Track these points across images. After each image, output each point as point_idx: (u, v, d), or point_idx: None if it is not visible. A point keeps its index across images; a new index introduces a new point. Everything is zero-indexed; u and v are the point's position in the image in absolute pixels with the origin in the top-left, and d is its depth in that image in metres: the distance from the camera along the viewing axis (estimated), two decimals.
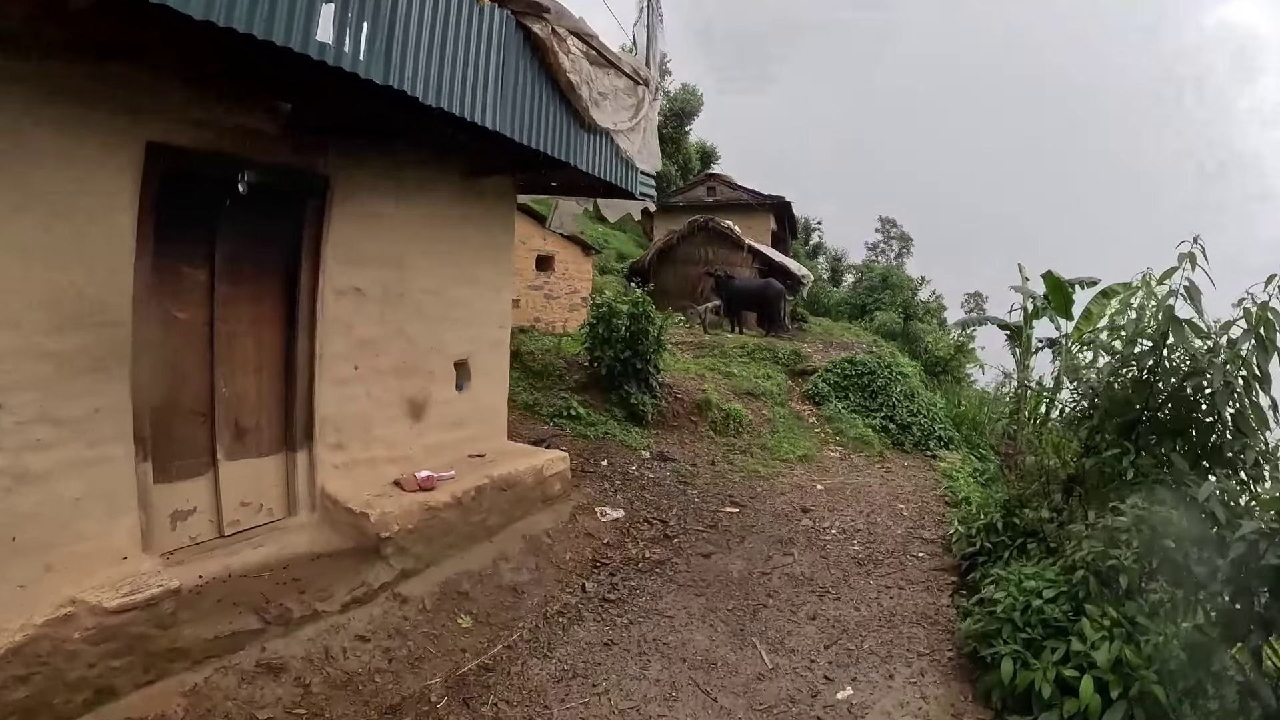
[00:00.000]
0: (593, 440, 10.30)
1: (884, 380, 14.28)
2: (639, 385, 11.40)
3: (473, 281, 7.91)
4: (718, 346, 15.26)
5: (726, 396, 12.35)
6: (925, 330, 23.97)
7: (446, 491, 6.63)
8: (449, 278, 7.63)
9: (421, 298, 7.35)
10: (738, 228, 20.18)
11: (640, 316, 11.40)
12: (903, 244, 39.35)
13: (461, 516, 6.66)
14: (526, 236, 13.31)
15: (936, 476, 11.74)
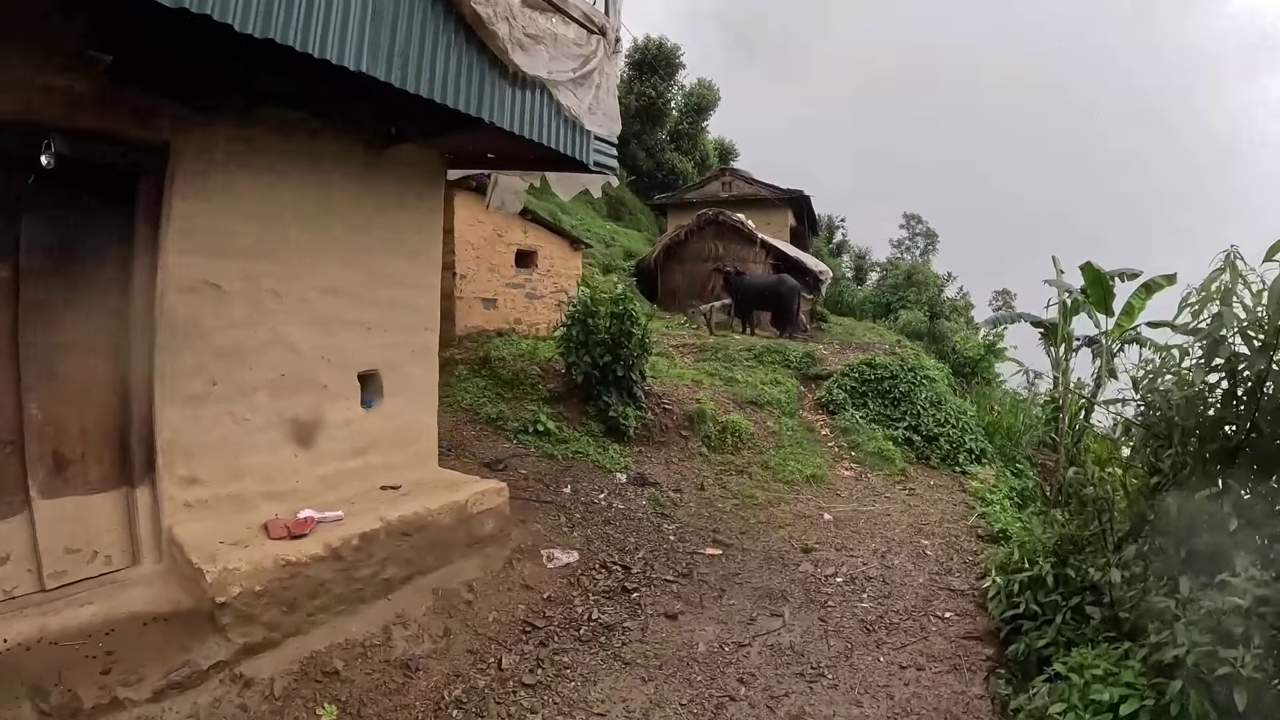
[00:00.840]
0: (560, 461, 8.68)
1: (907, 385, 12.41)
2: (620, 395, 9.74)
3: (385, 276, 6.35)
4: (722, 349, 13.54)
5: (725, 406, 10.63)
6: (952, 329, 21.96)
7: (319, 540, 5.06)
8: (350, 272, 6.07)
9: (310, 296, 5.80)
10: (751, 222, 18.43)
11: (623, 316, 9.75)
12: (928, 241, 37.07)
13: (340, 571, 5.08)
14: (503, 228, 11.76)
15: (968, 499, 9.89)
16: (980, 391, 17.79)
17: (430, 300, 6.85)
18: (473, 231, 11.34)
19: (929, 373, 13.00)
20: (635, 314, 9.83)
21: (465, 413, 9.74)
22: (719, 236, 18.24)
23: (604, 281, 16.99)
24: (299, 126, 5.64)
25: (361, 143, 6.11)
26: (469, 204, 11.32)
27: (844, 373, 12.75)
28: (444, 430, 9.44)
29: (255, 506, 5.47)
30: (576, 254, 13.01)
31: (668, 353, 13.08)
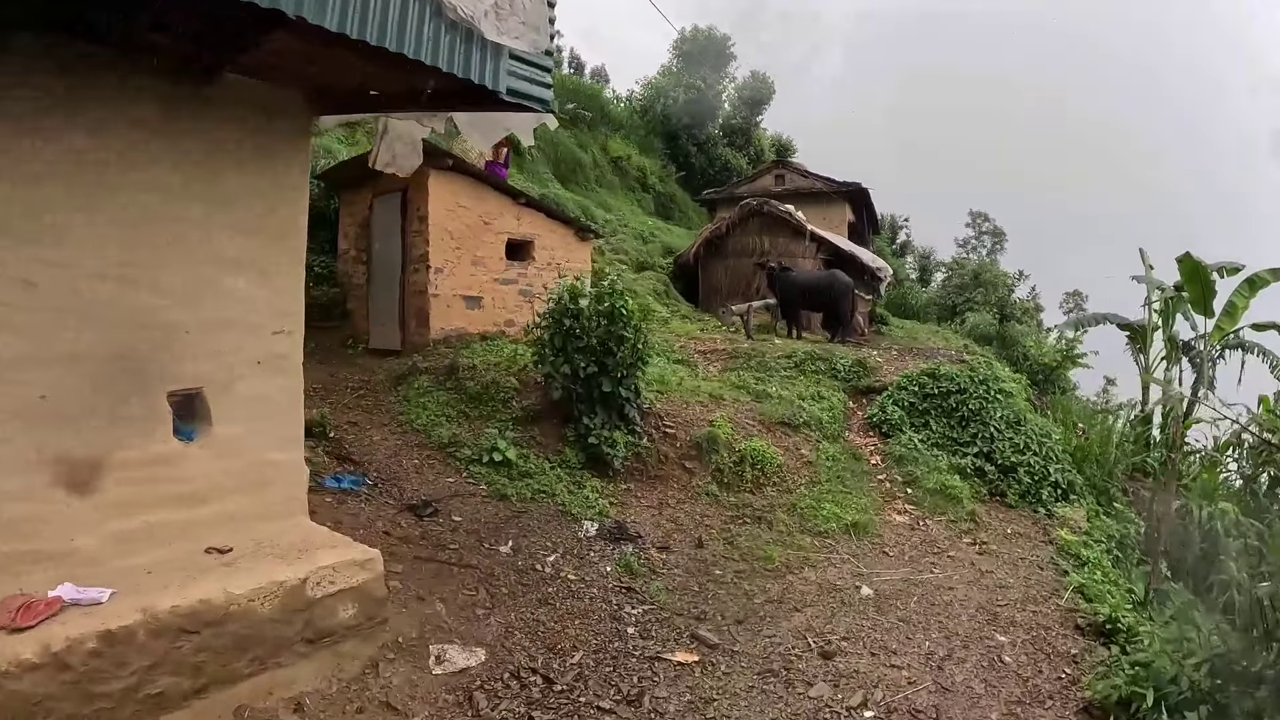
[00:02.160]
0: (512, 504, 6.50)
1: (978, 401, 9.69)
2: (607, 416, 7.50)
3: (208, 259, 4.32)
4: (758, 356, 11.11)
5: (747, 429, 8.23)
6: (1023, 333, 18.81)
7: (37, 639, 3.10)
8: (150, 252, 4.08)
9: (85, 286, 3.83)
10: (801, 213, 15.86)
11: (612, 315, 7.51)
12: (995, 239, 33.15)
13: (70, 685, 3.10)
14: (492, 215, 9.69)
15: (1056, 555, 7.24)
16: (1058, 403, 14.79)
17: (285, 291, 4.76)
18: (452, 219, 9.32)
19: (1005, 385, 10.21)
20: (628, 312, 7.56)
21: (415, 435, 7.70)
22: (764, 229, 15.75)
23: (632, 278, 14.79)
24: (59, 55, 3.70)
25: (166, 74, 4.11)
26: (448, 186, 9.31)
27: (901, 385, 10.12)
28: (382, 457, 7.42)
29: (17, 572, 3.57)
30: (584, 244, 10.83)
31: (690, 359, 10.75)
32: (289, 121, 4.89)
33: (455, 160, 9.37)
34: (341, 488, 6.48)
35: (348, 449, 7.41)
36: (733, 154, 25.25)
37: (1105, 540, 8.31)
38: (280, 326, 4.80)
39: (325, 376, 9.28)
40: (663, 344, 11.19)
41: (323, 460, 7.03)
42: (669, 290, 15.77)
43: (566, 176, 19.14)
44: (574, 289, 7.58)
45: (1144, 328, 16.11)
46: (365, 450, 7.44)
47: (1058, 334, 19.64)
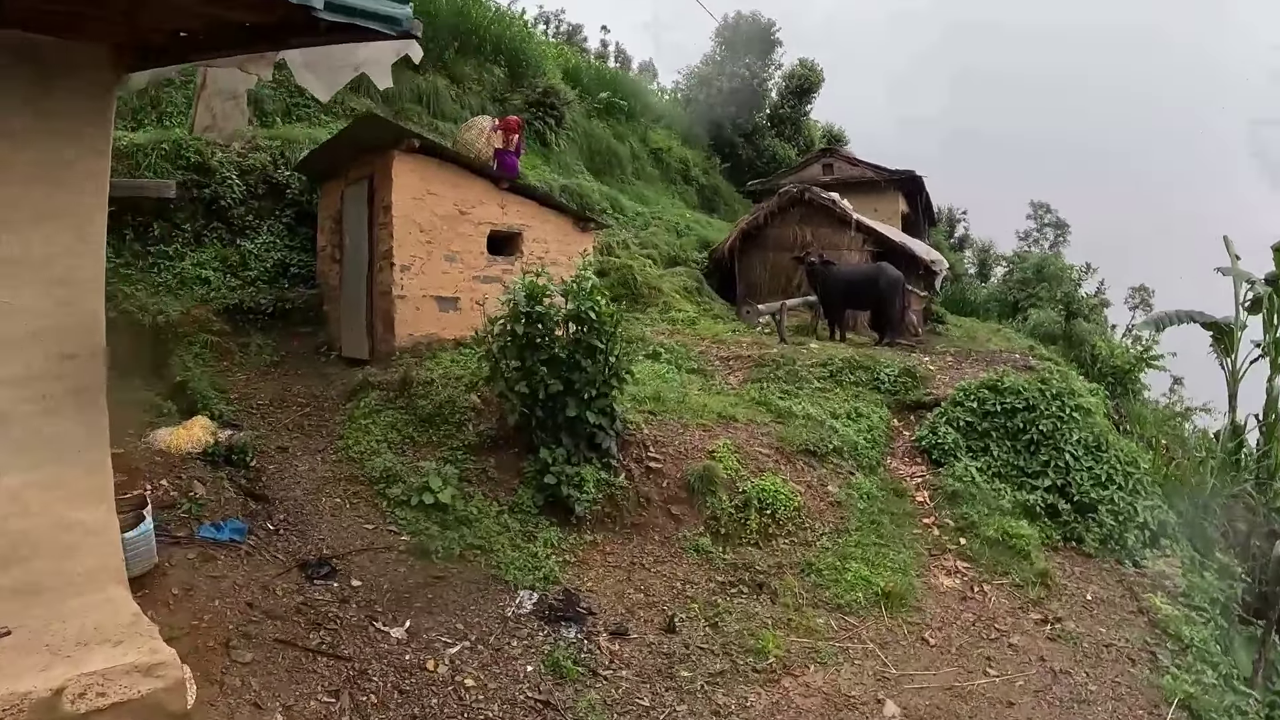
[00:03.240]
0: (433, 563, 4.86)
1: (1051, 421, 7.51)
2: (575, 446, 5.77)
3: None
4: (788, 364, 9.16)
5: (758, 460, 6.34)
6: (1092, 331, 16.15)
7: None
8: None
9: None
10: (846, 201, 13.69)
11: (582, 322, 5.80)
12: (1058, 231, 29.60)
13: None
14: (470, 202, 8.06)
15: (1152, 637, 5.17)
16: (1139, 416, 12.31)
17: (75, 304, 3.29)
18: (421, 208, 7.77)
19: (1082, 401, 7.96)
20: (601, 317, 5.81)
21: (349, 465, 6.15)
22: (806, 219, 13.65)
23: (657, 274, 12.99)
24: None
25: None
26: (415, 170, 7.75)
27: (956, 400, 8.00)
28: (299, 494, 5.82)
29: None
30: (585, 235, 9.09)
31: (708, 367, 8.89)
32: (78, 81, 3.42)
33: (423, 141, 7.81)
34: (219, 539, 4.99)
35: (264, 483, 5.94)
36: (781, 145, 23.02)
37: (1208, 606, 6.17)
38: (58, 349, 3.32)
39: (277, 390, 7.89)
40: (680, 349, 9.39)
41: (227, 498, 5.56)
42: (701, 287, 13.89)
43: (601, 169, 17.45)
44: (534, 287, 5.88)
45: (1230, 327, 13.52)
46: (283, 485, 5.96)
47: (1127, 333, 16.97)
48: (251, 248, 9.34)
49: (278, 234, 9.64)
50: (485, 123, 10.11)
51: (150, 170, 9.14)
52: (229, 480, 5.82)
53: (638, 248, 13.89)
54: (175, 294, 8.74)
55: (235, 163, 9.58)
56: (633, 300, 11.92)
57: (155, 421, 6.69)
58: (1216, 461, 10.15)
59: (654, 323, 11.34)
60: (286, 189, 9.70)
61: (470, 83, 14.04)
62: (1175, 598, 6.21)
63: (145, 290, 8.65)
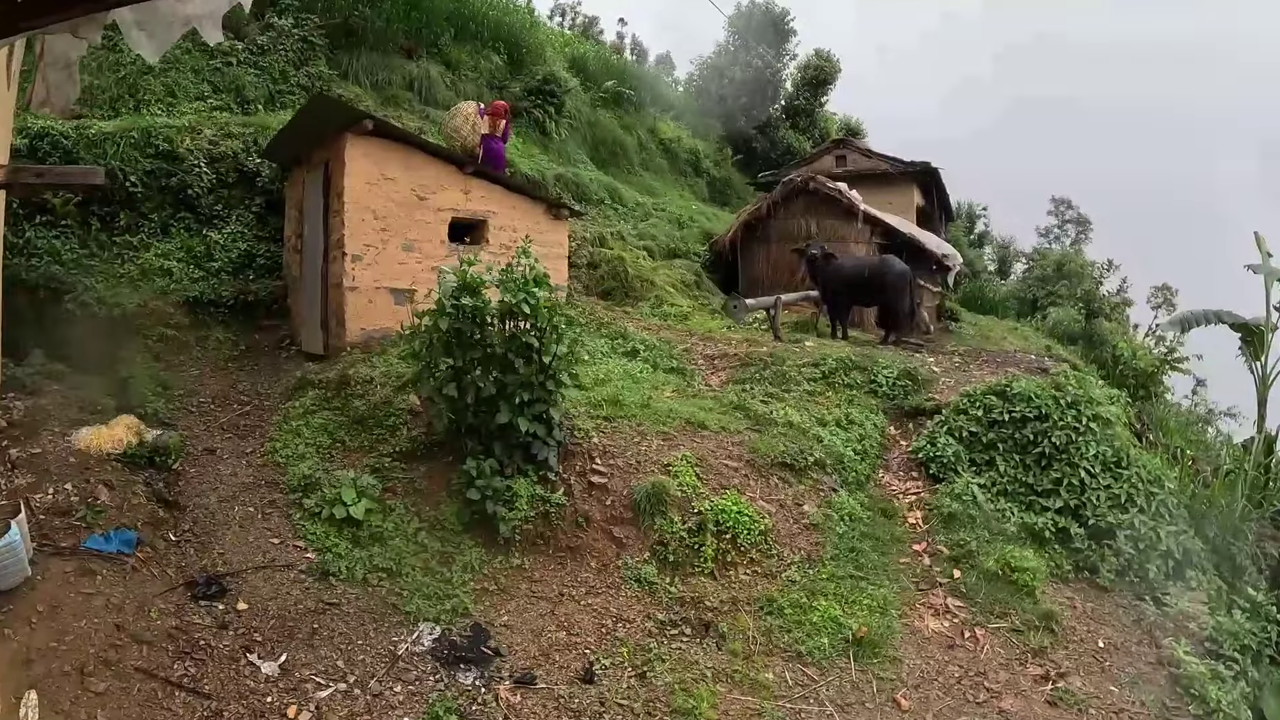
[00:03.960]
0: (331, 585, 4.11)
1: (1065, 433, 6.46)
2: (509, 457, 4.96)
3: None
4: (775, 363, 8.21)
5: (723, 476, 5.42)
6: (1113, 331, 14.82)
7: None
8: None
9: None
10: (855, 192, 12.57)
11: (519, 317, 4.96)
12: (1080, 228, 27.75)
13: None
14: (429, 187, 7.24)
15: (1170, 707, 4.16)
16: (1163, 424, 11.09)
17: None
18: (376, 194, 7.00)
19: (1102, 411, 6.85)
20: (539, 311, 4.96)
21: (272, 471, 5.43)
22: (811, 210, 12.58)
23: (650, 266, 12.08)
24: None
25: None
26: (370, 154, 6.97)
27: (960, 408, 6.98)
28: (214, 501, 5.09)
29: None
30: (558, 223, 8.23)
31: (689, 367, 7.99)
32: None
33: (377, 122, 7.02)
34: (105, 551, 4.29)
35: (179, 488, 5.25)
36: (796, 137, 21.82)
37: (1238, 656, 5.13)
38: None
39: (224, 388, 7.22)
40: (662, 346, 8.51)
41: (135, 504, 4.86)
42: (700, 281, 12.95)
43: (606, 159, 16.57)
44: (467, 278, 5.06)
45: (1260, 328, 12.19)
46: (199, 491, 5.25)
47: (1149, 333, 15.62)
48: (218, 238, 8.68)
49: (247, 224, 8.97)
50: (470, 108, 9.32)
51: (119, 159, 8.54)
52: (143, 484, 5.14)
53: (635, 239, 13.01)
54: (136, 286, 8.13)
55: (206, 150, 8.93)
56: (624, 294, 11.05)
57: (85, 419, 6.06)
58: (1247, 478, 8.95)
59: (645, 317, 10.46)
60: (257, 177, 9.03)
61: (466, 69, 13.26)
62: (1201, 643, 5.18)
63: (105, 282, 8.06)
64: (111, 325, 7.66)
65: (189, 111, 9.63)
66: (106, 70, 9.59)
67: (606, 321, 9.19)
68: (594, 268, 11.08)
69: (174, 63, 9.97)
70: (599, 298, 10.88)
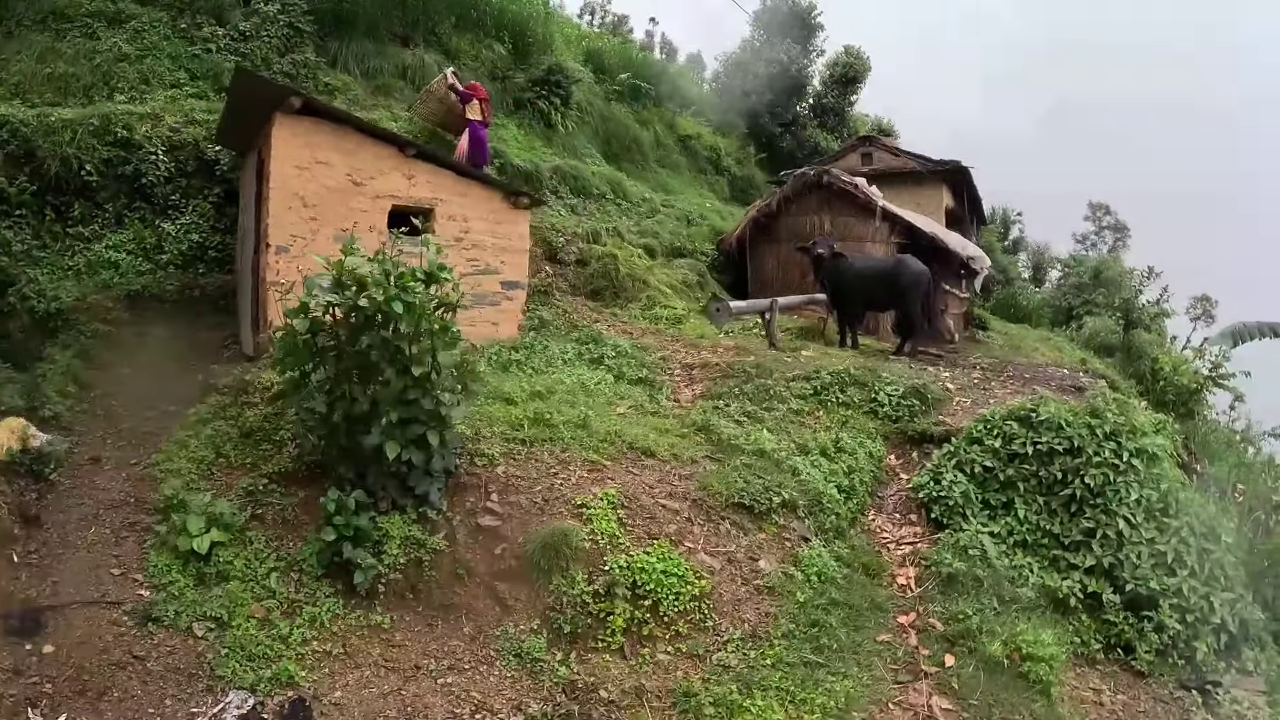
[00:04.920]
0: (151, 634, 3.15)
1: (1101, 472, 5.04)
2: (384, 488, 3.88)
3: None
4: (761, 375, 6.90)
5: (658, 518, 4.17)
6: (1153, 343, 13.09)
7: None
8: None
9: None
10: (874, 188, 11.06)
11: (377, 322, 3.86)
12: (1117, 235, 25.38)
13: None
14: (367, 171, 6.19)
15: None
16: (1200, 439, 9.45)
17: None
18: (306, 179, 6.00)
19: (1147, 444, 5.35)
20: (411, 312, 3.85)
21: (147, 488, 4.50)
22: (825, 206, 11.15)
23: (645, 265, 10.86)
24: None
25: None
26: (302, 135, 5.97)
27: (973, 436, 5.58)
28: (73, 520, 4.19)
29: None
30: (519, 214, 7.08)
31: (659, 377, 6.77)
32: None
33: (307, 100, 6.01)
34: None
35: (47, 502, 4.38)
36: (825, 136, 20.23)
37: None
38: None
39: (145, 390, 6.31)
40: (636, 353, 7.32)
41: None
42: (703, 282, 11.66)
43: (619, 154, 15.36)
44: (345, 272, 3.98)
45: None
46: (66, 506, 4.41)
47: (1187, 345, 13.77)
48: (170, 229, 7.83)
49: (203, 214, 8.10)
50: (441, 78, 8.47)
51: (75, 146, 7.80)
52: (11, 495, 4.30)
53: (635, 236, 11.80)
54: (80, 278, 7.38)
55: (166, 138, 8.11)
56: (614, 294, 9.86)
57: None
58: None
59: (632, 319, 9.27)
60: (216, 166, 8.19)
61: (467, 59, 12.26)
62: None
63: (50, 274, 7.32)
64: (48, 320, 6.90)
65: (161, 99, 8.88)
66: (82, 58, 8.90)
67: (581, 324, 8.04)
68: (583, 265, 9.93)
69: (151, 49, 9.22)
70: (587, 297, 9.73)
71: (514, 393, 5.20)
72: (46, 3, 8.87)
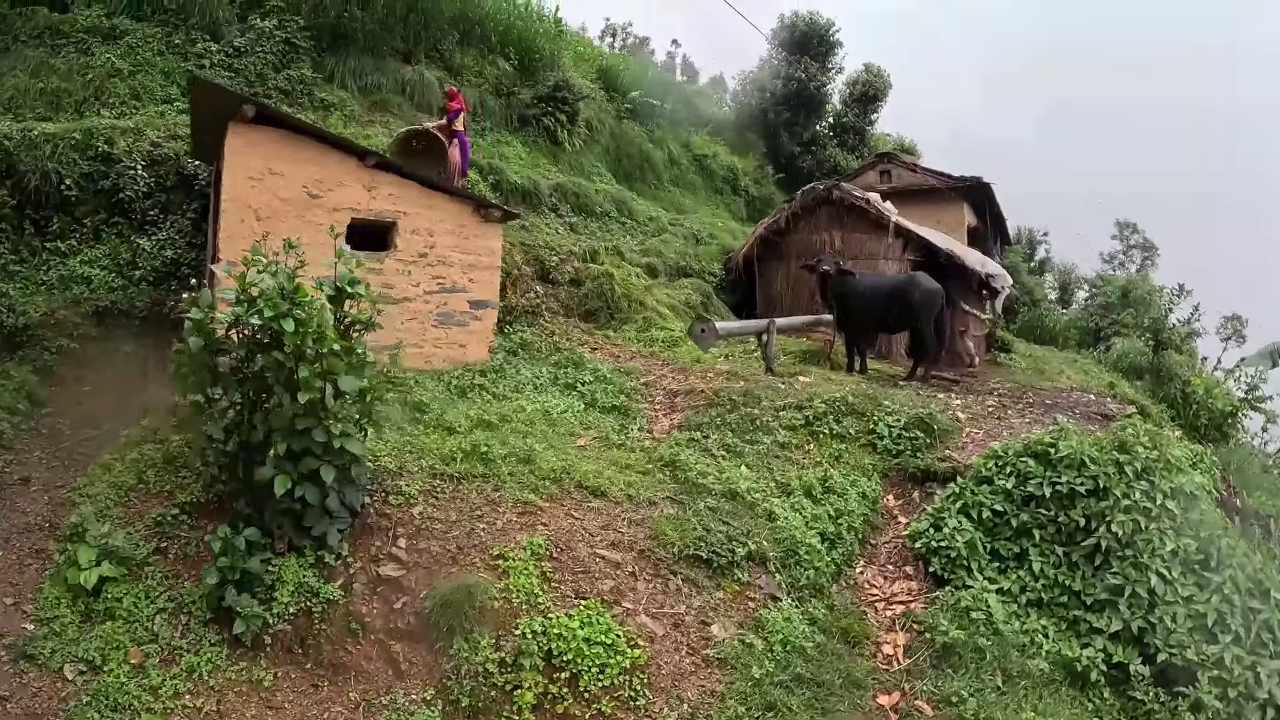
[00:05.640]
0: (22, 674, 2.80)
1: (1131, 518, 4.27)
2: (281, 527, 3.38)
3: None
4: (749, 403, 6.25)
5: (592, 572, 3.54)
6: (1183, 365, 12.27)
7: None
8: None
9: None
10: (888, 203, 10.35)
11: (264, 342, 3.38)
12: (1146, 254, 24.16)
13: None
14: (325, 183, 5.80)
15: None
16: (1237, 467, 8.57)
17: None
18: (260, 191, 5.63)
19: (1184, 482, 4.57)
20: (298, 330, 3.36)
21: (60, 511, 4.13)
22: (836, 222, 10.47)
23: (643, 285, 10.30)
24: None
25: None
26: (257, 145, 5.61)
27: (982, 474, 4.84)
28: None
29: None
30: (490, 227, 6.59)
31: (633, 407, 6.17)
32: None
33: (261, 108, 5.68)
34: None
35: None
36: (844, 155, 19.58)
37: None
38: None
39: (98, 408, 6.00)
40: (616, 379, 6.76)
41: None
42: (708, 302, 11.07)
43: (630, 173, 14.96)
44: (244, 286, 3.52)
45: None
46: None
47: (1217, 366, 12.82)
48: (146, 244, 7.59)
49: (180, 230, 7.83)
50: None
51: (56, 160, 7.65)
52: None
53: (637, 255, 11.31)
54: (51, 293, 7.16)
55: (146, 152, 7.91)
56: (609, 315, 9.34)
57: None
58: None
59: (626, 342, 8.73)
60: (195, 180, 7.96)
61: (470, 75, 12.02)
62: None
63: (23, 289, 7.12)
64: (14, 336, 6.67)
65: (152, 114, 8.75)
66: (75, 74, 8.84)
67: (565, 346, 7.52)
68: (577, 285, 9.45)
69: (143, 65, 9.12)
70: (581, 319, 9.23)
71: (457, 421, 4.67)
72: (43, 19, 8.85)
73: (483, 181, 10.03)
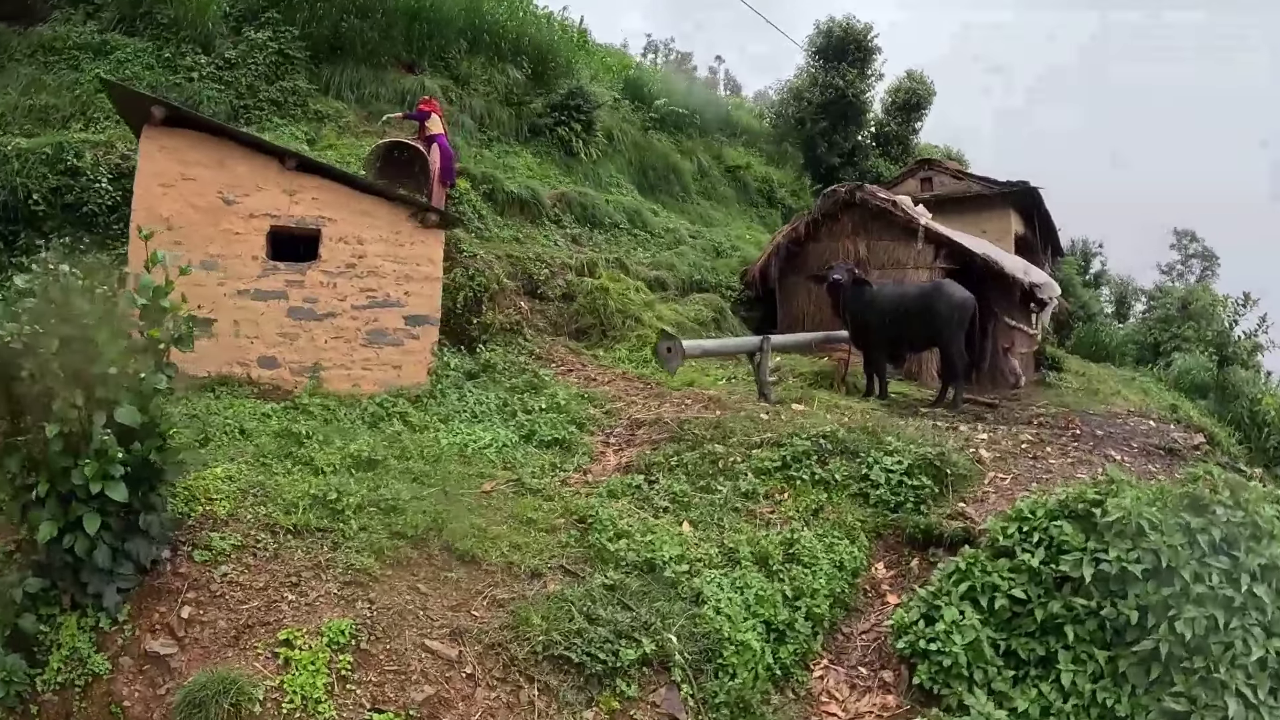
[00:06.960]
0: None
1: (1204, 611, 2.97)
2: (62, 579, 2.60)
3: None
4: (716, 439, 5.11)
5: (407, 675, 2.55)
6: (1250, 380, 10.51)
7: None
8: None
9: None
10: (919, 207, 8.97)
11: None
12: (1205, 263, 21.53)
13: None
14: (242, 186, 5.09)
15: None
16: None
17: None
18: (171, 197, 4.99)
19: (1278, 557, 3.20)
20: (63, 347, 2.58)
21: None
22: (860, 229, 9.14)
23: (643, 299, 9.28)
24: None
25: None
26: (170, 148, 4.99)
27: (1000, 544, 3.61)
28: None
29: None
30: (429, 234, 5.72)
31: (577, 440, 5.16)
32: None
33: (172, 109, 5.08)
34: None
35: None
36: (887, 165, 18.15)
37: None
38: None
39: None
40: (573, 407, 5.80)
41: None
42: (721, 319, 9.95)
43: (655, 185, 14.08)
44: (13, 296, 2.81)
45: None
46: None
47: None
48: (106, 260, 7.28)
49: None
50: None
51: (26, 174, 7.45)
52: None
53: (646, 268, 10.36)
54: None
55: (115, 166, 7.61)
56: (601, 333, 8.44)
57: None
58: None
59: (615, 362, 7.80)
60: None
61: (477, 83, 11.46)
62: None
63: None
64: None
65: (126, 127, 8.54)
66: (64, 90, 8.73)
67: (530, 368, 6.63)
68: (568, 300, 8.59)
69: (132, 79, 8.95)
70: (571, 336, 8.37)
71: (330, 459, 3.83)
72: (37, 37, 8.83)
73: (473, 191, 9.37)
